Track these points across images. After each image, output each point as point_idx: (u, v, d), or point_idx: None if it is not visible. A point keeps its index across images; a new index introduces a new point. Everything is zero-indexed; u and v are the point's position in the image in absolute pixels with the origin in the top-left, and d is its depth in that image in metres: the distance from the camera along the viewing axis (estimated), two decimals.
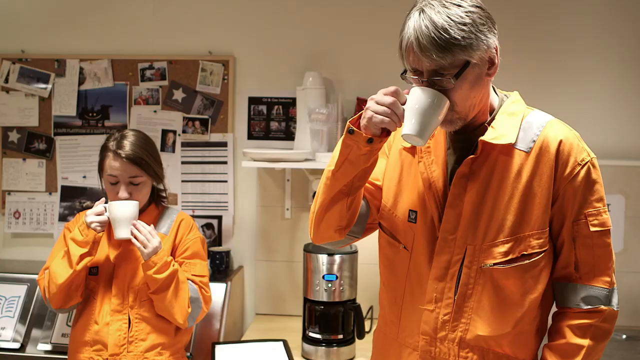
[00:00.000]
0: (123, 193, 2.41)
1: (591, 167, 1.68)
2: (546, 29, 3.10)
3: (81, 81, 3.28)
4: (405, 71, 1.63)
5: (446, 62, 1.55)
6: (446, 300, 1.68)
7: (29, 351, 2.78)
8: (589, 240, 1.66)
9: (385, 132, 1.60)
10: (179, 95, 3.24)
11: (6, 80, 3.31)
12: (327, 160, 2.83)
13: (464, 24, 1.55)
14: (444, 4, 1.56)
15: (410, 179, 1.76)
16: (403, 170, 1.79)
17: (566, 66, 3.11)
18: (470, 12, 1.57)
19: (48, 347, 2.77)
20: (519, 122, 1.70)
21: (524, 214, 1.64)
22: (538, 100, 3.08)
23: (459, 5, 1.56)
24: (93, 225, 2.30)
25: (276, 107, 3.22)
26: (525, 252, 1.64)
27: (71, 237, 2.34)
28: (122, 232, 2.32)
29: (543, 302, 1.72)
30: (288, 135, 3.21)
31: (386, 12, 3.13)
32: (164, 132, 3.25)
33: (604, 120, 3.12)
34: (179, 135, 3.25)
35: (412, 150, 1.77)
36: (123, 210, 2.33)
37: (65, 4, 3.30)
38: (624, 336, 2.95)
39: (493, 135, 1.64)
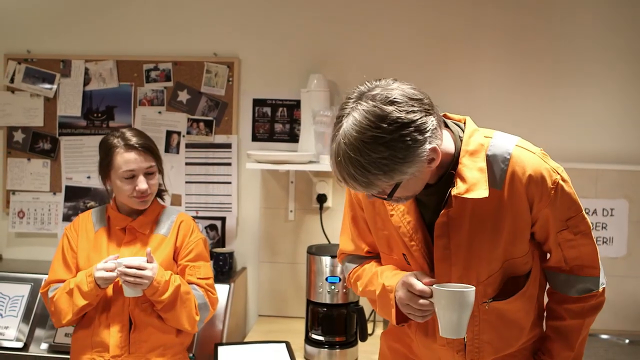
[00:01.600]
0: (143, 184, 2.41)
1: (562, 183, 1.69)
2: (551, 34, 3.10)
3: (86, 82, 3.29)
4: None
5: (374, 192, 1.55)
6: (456, 339, 1.73)
7: (32, 351, 2.78)
8: (574, 242, 1.75)
9: None
10: (183, 96, 3.25)
11: (12, 80, 3.32)
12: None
13: (384, 158, 1.46)
14: (363, 135, 1.46)
15: (391, 227, 1.78)
16: (383, 218, 1.81)
17: (570, 70, 3.11)
18: (389, 141, 1.46)
19: (51, 347, 2.77)
20: (483, 160, 1.65)
21: (508, 245, 1.70)
22: (541, 105, 3.10)
23: (376, 137, 1.45)
24: (99, 282, 2.31)
25: (280, 109, 3.22)
26: (514, 275, 1.75)
27: (77, 283, 2.34)
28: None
29: (539, 293, 1.84)
30: (292, 137, 3.21)
31: (391, 15, 3.13)
32: (169, 133, 3.26)
33: (607, 124, 3.11)
34: (184, 136, 3.26)
35: (381, 200, 1.74)
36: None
37: (71, 5, 3.31)
38: (627, 341, 2.95)
39: (464, 188, 1.62)
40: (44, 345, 2.78)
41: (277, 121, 3.23)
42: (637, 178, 3.07)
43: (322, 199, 3.16)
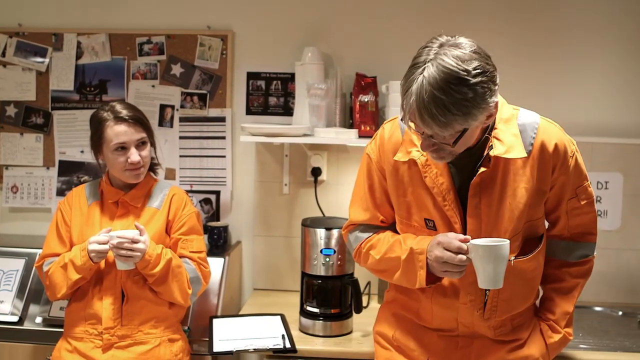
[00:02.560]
0: (135, 156, 2.42)
1: (577, 153, 1.95)
2: (544, 8, 3.08)
3: (79, 55, 3.25)
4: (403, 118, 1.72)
5: (446, 134, 1.67)
6: (479, 297, 1.91)
7: (27, 325, 2.78)
8: (579, 211, 2.01)
9: None
10: (177, 70, 3.23)
11: (3, 54, 3.28)
12: (325, 135, 2.86)
13: (466, 100, 1.60)
14: (449, 75, 1.58)
15: (418, 191, 1.92)
16: (407, 184, 1.95)
17: (566, 44, 3.09)
18: (473, 84, 1.60)
19: (46, 320, 2.76)
20: (516, 128, 1.86)
21: (530, 208, 1.89)
22: (537, 78, 3.08)
23: (463, 79, 1.59)
24: (92, 255, 2.31)
25: (275, 82, 3.20)
26: (531, 237, 1.94)
27: (71, 258, 2.35)
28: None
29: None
30: (286, 110, 3.19)
31: None
32: (162, 107, 3.24)
33: (602, 98, 3.11)
34: (177, 110, 3.23)
35: (409, 165, 1.92)
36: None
37: None
38: (620, 312, 2.97)
39: (503, 149, 1.81)
40: (39, 319, 2.78)
41: (272, 94, 3.21)
42: (631, 151, 3.07)
43: (316, 172, 3.16)
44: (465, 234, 1.83)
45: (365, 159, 2.07)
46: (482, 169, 1.81)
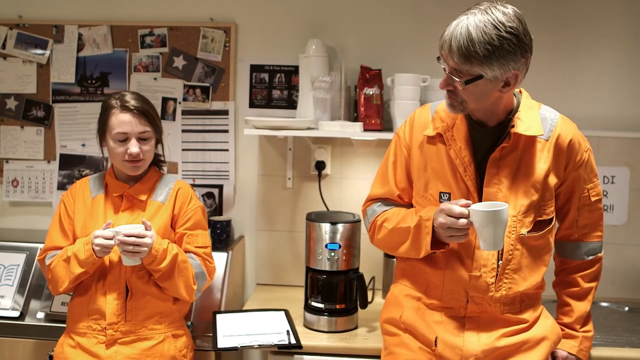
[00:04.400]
0: (135, 148, 2.37)
1: (590, 152, 2.12)
2: (550, 1, 3.06)
3: (80, 47, 3.22)
4: (439, 58, 1.92)
5: (463, 69, 1.84)
6: (491, 265, 2.01)
7: (29, 320, 2.75)
8: (589, 207, 2.16)
9: None
10: (179, 62, 3.19)
11: (3, 46, 3.25)
12: (329, 129, 2.83)
13: (491, 45, 1.78)
14: (486, 20, 1.78)
15: (438, 166, 2.07)
16: (429, 159, 2.10)
17: (571, 37, 3.08)
18: (502, 37, 1.78)
19: (47, 316, 2.74)
20: (538, 115, 2.03)
21: (542, 189, 2.02)
22: (542, 71, 3.06)
23: (496, 27, 1.78)
24: (96, 250, 2.28)
25: (278, 75, 3.17)
26: (540, 218, 2.04)
27: (74, 251, 2.32)
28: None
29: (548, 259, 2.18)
30: (290, 103, 3.16)
31: None
32: (164, 100, 3.21)
33: (608, 91, 3.09)
34: (180, 103, 3.21)
35: (435, 141, 2.09)
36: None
37: None
38: (627, 308, 2.96)
39: (524, 127, 1.97)
40: (40, 315, 2.75)
41: (275, 87, 3.18)
42: (638, 145, 3.06)
43: (320, 166, 3.13)
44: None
45: (394, 138, 2.25)
46: (503, 145, 1.97)
